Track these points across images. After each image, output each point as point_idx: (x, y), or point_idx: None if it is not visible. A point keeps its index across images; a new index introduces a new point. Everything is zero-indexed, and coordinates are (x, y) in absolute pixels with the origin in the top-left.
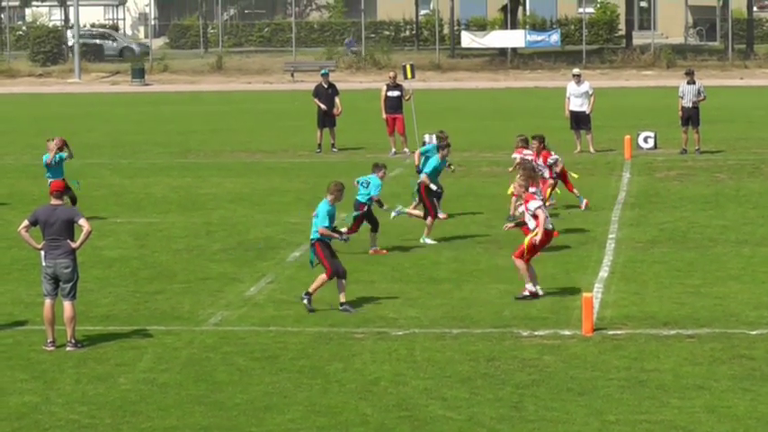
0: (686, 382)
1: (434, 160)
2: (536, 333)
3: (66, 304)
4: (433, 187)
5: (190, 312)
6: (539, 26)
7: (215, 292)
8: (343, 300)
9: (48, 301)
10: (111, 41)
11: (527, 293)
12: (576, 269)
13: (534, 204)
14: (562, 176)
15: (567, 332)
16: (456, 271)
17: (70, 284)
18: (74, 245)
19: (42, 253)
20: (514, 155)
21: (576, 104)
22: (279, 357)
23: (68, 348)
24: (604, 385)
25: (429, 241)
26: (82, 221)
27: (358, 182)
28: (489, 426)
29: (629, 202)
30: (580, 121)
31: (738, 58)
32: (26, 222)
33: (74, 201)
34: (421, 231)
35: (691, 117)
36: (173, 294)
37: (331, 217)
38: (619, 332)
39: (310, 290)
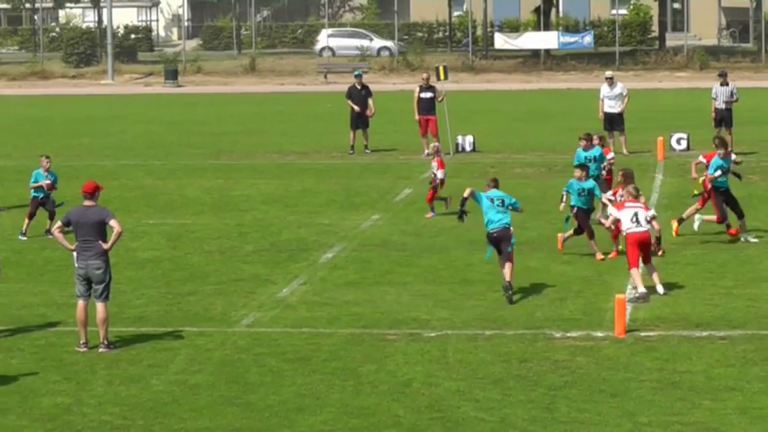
0: (718, 384)
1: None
2: (568, 334)
3: (99, 305)
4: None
5: (222, 314)
6: (572, 28)
7: (247, 293)
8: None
9: (81, 303)
10: None
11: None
12: (608, 271)
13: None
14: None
15: (599, 334)
16: (489, 272)
17: (103, 285)
18: (105, 246)
19: (75, 254)
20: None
21: (610, 106)
22: (311, 359)
23: (101, 350)
24: (637, 387)
25: (752, 239)
26: (113, 222)
27: None
28: (521, 427)
29: (662, 203)
30: (613, 122)
31: None
32: (59, 223)
33: (51, 215)
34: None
35: (723, 118)
36: (205, 296)
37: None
38: (651, 334)
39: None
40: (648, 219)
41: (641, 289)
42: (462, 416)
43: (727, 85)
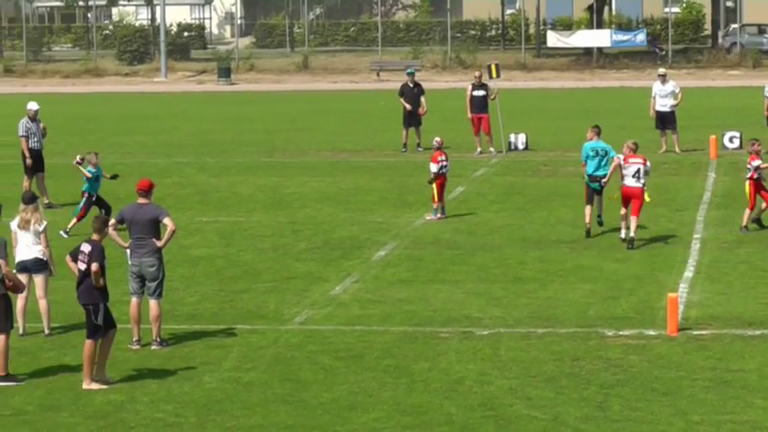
0: None
1: None
2: (621, 333)
3: (152, 303)
4: None
5: (275, 311)
6: (624, 26)
7: (300, 291)
8: None
9: (134, 300)
10: None
11: None
12: (661, 269)
13: None
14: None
15: (651, 332)
16: (542, 271)
17: (156, 283)
18: (159, 243)
19: (128, 251)
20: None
21: (662, 104)
22: (364, 356)
23: (154, 347)
24: (689, 385)
25: None
26: (167, 220)
27: None
28: (574, 425)
29: (715, 201)
30: (666, 120)
31: None
32: (113, 221)
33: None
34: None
35: None
36: (258, 293)
37: None
38: (704, 332)
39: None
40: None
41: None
42: (515, 414)
43: None
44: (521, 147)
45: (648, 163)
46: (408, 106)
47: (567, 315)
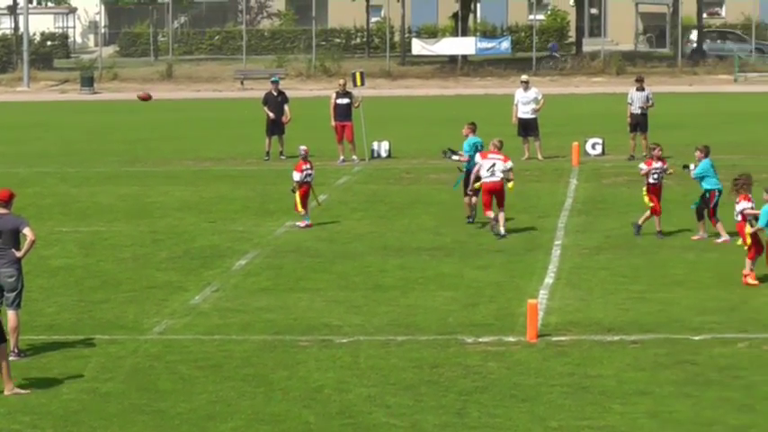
0: (629, 388)
1: None
2: (480, 340)
3: (11, 313)
4: None
5: (134, 321)
6: (489, 33)
7: (160, 300)
8: None
9: None
10: None
11: None
12: (521, 276)
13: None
14: None
15: (511, 339)
16: (402, 278)
17: (14, 293)
18: (18, 254)
19: None
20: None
21: (524, 111)
22: (223, 366)
23: (12, 358)
24: (548, 391)
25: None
26: (27, 230)
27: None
28: None
29: (576, 208)
30: (528, 127)
31: (688, 64)
32: None
33: None
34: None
35: (639, 123)
36: (117, 303)
37: None
38: (563, 338)
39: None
40: (504, 170)
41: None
42: (373, 422)
43: (644, 90)
44: (384, 155)
45: (509, 163)
46: (272, 114)
47: (427, 322)
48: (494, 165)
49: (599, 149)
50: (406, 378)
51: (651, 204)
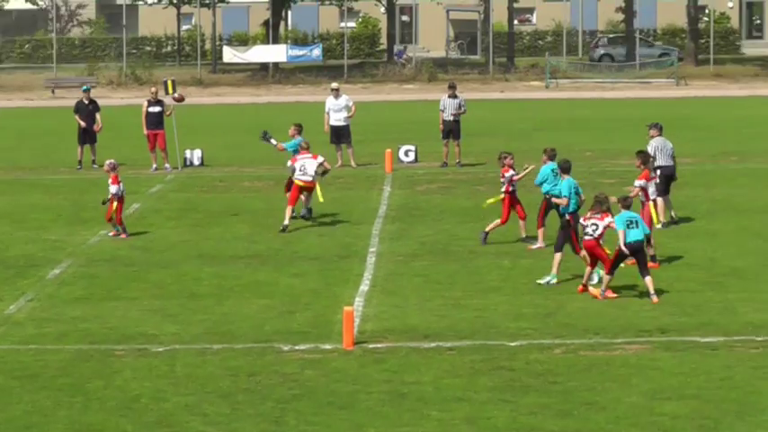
0: (446, 395)
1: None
2: (297, 347)
3: None
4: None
5: None
6: (300, 41)
7: None
8: None
9: None
10: None
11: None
12: (337, 283)
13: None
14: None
15: (328, 346)
16: (218, 286)
17: None
18: None
19: None
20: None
21: (336, 119)
22: (39, 376)
23: None
24: (365, 398)
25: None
26: None
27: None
28: None
29: (390, 215)
30: (341, 135)
31: (499, 71)
32: None
33: None
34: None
35: (452, 130)
36: None
37: None
38: (379, 345)
39: None
40: (318, 164)
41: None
42: (191, 430)
43: (456, 97)
44: (196, 163)
45: (320, 158)
46: (82, 123)
47: (244, 330)
48: (303, 165)
49: (412, 156)
50: (223, 386)
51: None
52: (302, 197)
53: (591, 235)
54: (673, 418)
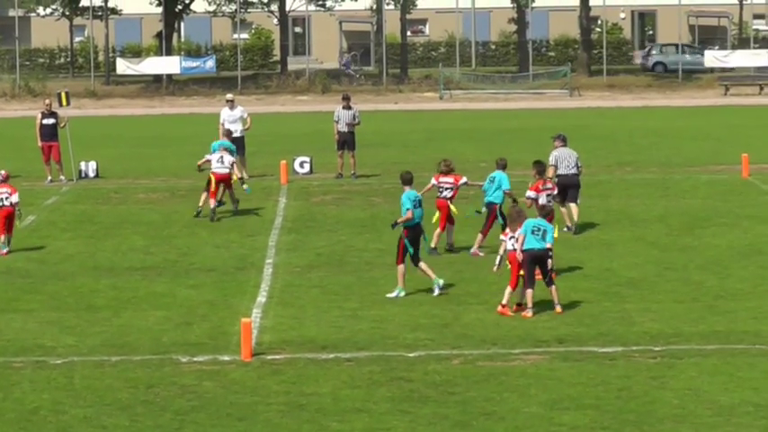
0: (345, 406)
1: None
2: (195, 359)
3: None
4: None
5: None
6: (194, 52)
7: None
8: None
9: None
10: None
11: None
12: (234, 294)
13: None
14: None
15: (226, 357)
16: (114, 298)
17: None
18: None
19: None
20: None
21: (232, 129)
22: None
23: None
24: (264, 410)
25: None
26: None
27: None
28: None
29: (286, 226)
30: (235, 146)
31: (393, 82)
32: None
33: None
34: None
35: (346, 141)
36: None
37: None
38: (278, 357)
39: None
40: (230, 162)
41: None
42: None
43: (350, 108)
44: (91, 174)
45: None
46: None
47: (141, 342)
48: (221, 157)
49: (307, 168)
50: (121, 398)
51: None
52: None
53: (513, 248)
54: (572, 428)
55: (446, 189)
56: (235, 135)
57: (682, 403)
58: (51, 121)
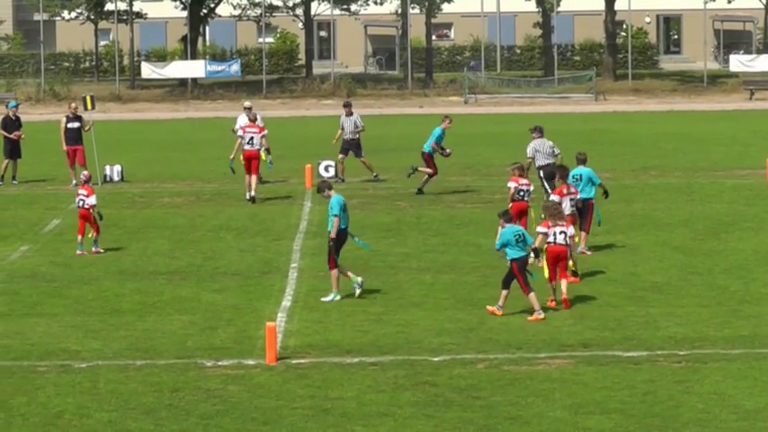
0: (370, 410)
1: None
2: (220, 363)
3: None
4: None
5: None
6: (219, 56)
7: None
8: None
9: None
10: None
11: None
12: (259, 299)
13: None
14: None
15: (251, 362)
16: (139, 302)
17: None
18: None
19: None
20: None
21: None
22: None
23: None
24: (289, 414)
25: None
26: None
27: None
28: None
29: (311, 231)
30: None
31: (418, 86)
32: None
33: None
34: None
35: (350, 148)
36: None
37: None
38: (302, 361)
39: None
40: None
41: None
42: None
43: (352, 114)
44: (116, 178)
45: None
46: (13, 135)
47: (166, 346)
48: (252, 137)
49: (332, 171)
50: (146, 402)
51: None
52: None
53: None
54: None
55: (525, 192)
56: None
57: (706, 408)
58: (76, 124)
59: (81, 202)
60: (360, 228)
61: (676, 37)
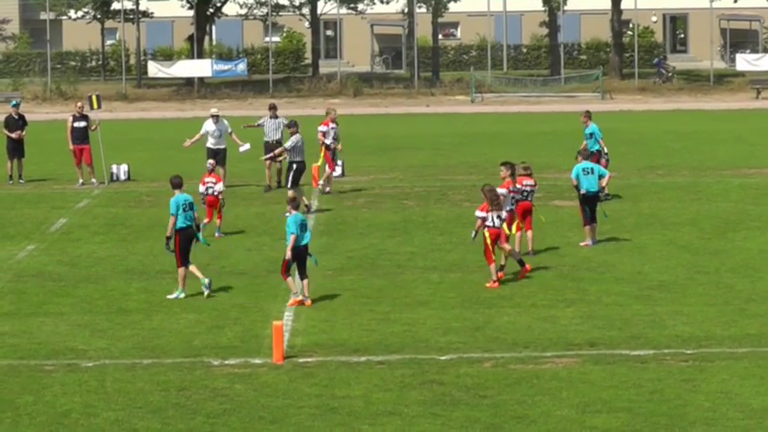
0: (377, 409)
1: None
2: (227, 362)
3: None
4: None
5: None
6: (225, 56)
7: None
8: None
9: None
10: None
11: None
12: (265, 297)
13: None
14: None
15: (257, 360)
16: (146, 301)
17: None
18: None
19: None
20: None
21: (216, 143)
22: None
23: None
24: (296, 413)
25: None
26: None
27: None
28: None
29: (318, 229)
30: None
31: (424, 85)
32: None
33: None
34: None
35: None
36: None
37: None
38: (309, 360)
39: None
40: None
41: None
42: None
43: (277, 117)
44: (123, 177)
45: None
46: (15, 135)
47: (173, 345)
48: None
49: (339, 171)
50: (153, 401)
51: None
52: None
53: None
54: (603, 431)
55: (529, 192)
56: (219, 147)
57: (713, 406)
58: (83, 123)
59: (209, 189)
60: (366, 226)
61: (683, 36)
